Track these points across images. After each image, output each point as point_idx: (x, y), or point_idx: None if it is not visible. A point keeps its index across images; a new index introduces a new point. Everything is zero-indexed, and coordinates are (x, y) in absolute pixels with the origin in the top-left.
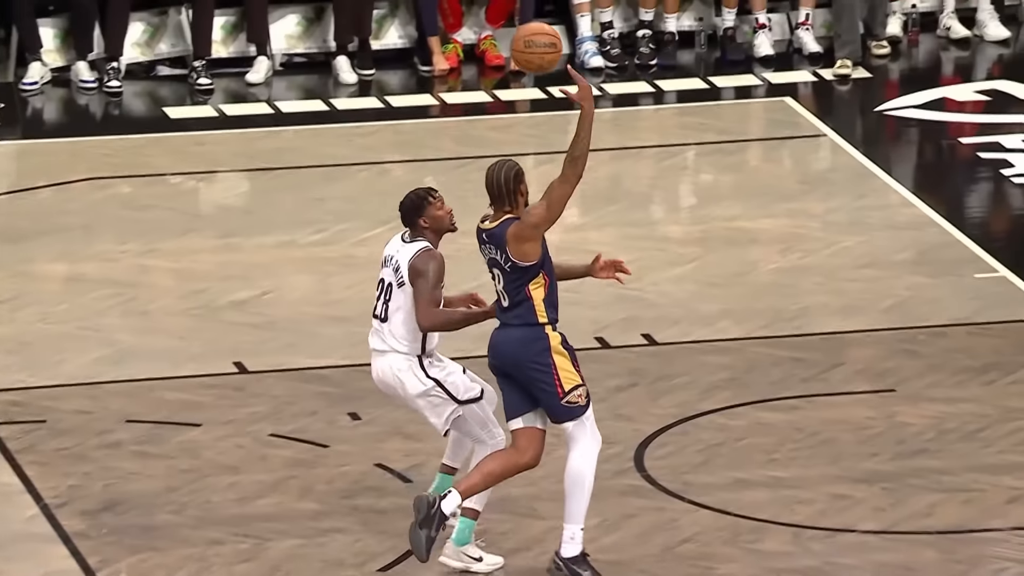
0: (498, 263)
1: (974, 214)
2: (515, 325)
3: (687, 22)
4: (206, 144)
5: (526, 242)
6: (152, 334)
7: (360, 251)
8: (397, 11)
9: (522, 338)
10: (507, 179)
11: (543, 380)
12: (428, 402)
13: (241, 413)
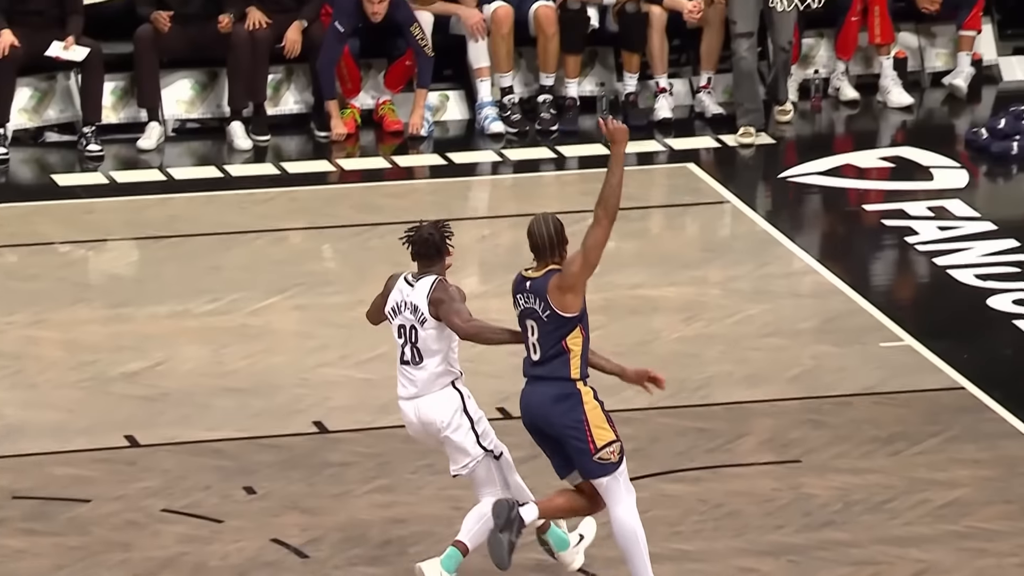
0: (536, 313)
1: (879, 282)
2: (546, 379)
3: (588, 87)
4: (96, 212)
5: (568, 292)
6: (40, 407)
7: (255, 320)
8: (293, 76)
9: (554, 395)
10: (554, 231)
11: (576, 437)
12: (460, 440)
13: (132, 488)
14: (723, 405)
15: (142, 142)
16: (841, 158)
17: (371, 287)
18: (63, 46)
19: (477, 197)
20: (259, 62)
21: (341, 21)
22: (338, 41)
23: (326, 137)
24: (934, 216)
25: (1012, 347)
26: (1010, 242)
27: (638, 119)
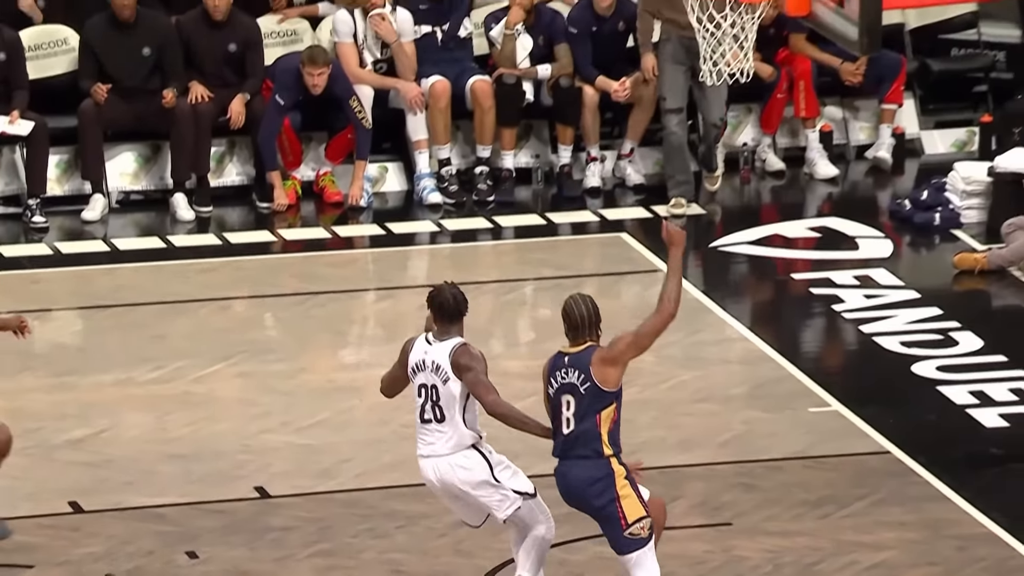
0: (575, 387)
1: (807, 349)
2: (580, 457)
3: (524, 159)
4: (41, 282)
5: (612, 366)
6: None
7: (199, 388)
8: (235, 148)
9: (589, 477)
10: (591, 312)
11: (608, 511)
12: (490, 492)
13: (76, 554)
14: (657, 469)
15: (86, 213)
16: (769, 228)
17: (312, 354)
18: (8, 120)
19: (416, 266)
20: (201, 135)
21: (282, 94)
22: (279, 114)
23: (268, 208)
24: (860, 285)
25: (936, 412)
26: (933, 310)
27: (572, 190)
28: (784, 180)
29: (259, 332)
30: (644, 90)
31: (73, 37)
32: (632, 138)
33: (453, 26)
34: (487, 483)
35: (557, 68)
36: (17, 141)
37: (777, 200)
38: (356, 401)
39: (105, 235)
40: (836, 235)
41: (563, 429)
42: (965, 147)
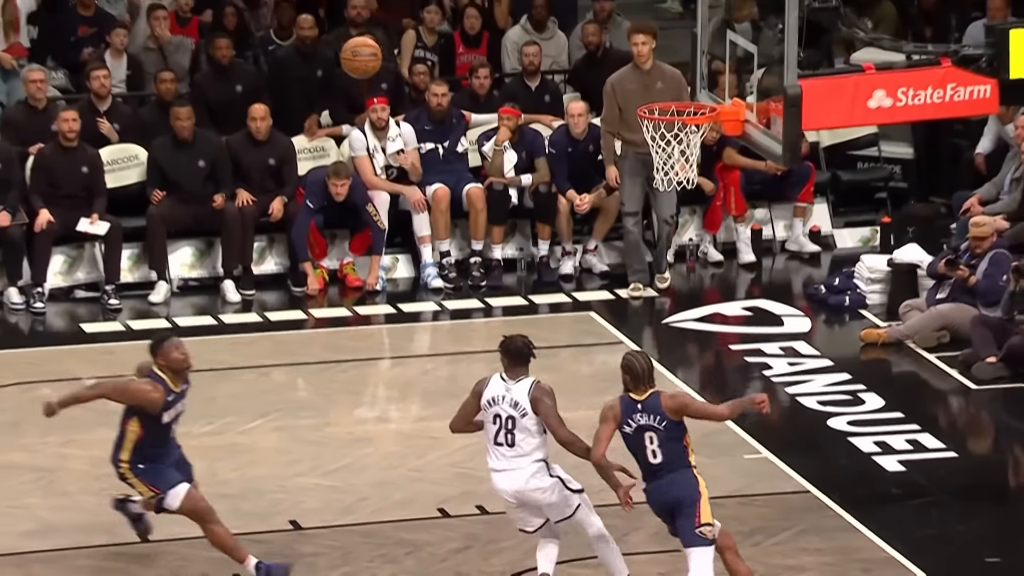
0: (653, 426)
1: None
2: (675, 471)
3: (510, 251)
4: (115, 353)
5: (681, 407)
6: (69, 511)
7: (243, 439)
8: (274, 243)
9: (684, 481)
10: (649, 365)
11: (689, 507)
12: (556, 496)
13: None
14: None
15: (152, 297)
16: (710, 308)
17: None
18: (89, 222)
19: (421, 339)
20: (247, 232)
21: (311, 200)
22: (308, 215)
23: (300, 292)
24: (785, 354)
25: (847, 458)
26: (844, 375)
27: (549, 276)
28: (722, 269)
29: (292, 393)
30: (608, 202)
31: (143, 154)
32: (596, 237)
33: (452, 143)
34: (554, 490)
35: (537, 177)
36: (97, 239)
37: (717, 285)
38: (372, 449)
39: (167, 314)
40: (765, 314)
41: (650, 459)
42: (869, 242)
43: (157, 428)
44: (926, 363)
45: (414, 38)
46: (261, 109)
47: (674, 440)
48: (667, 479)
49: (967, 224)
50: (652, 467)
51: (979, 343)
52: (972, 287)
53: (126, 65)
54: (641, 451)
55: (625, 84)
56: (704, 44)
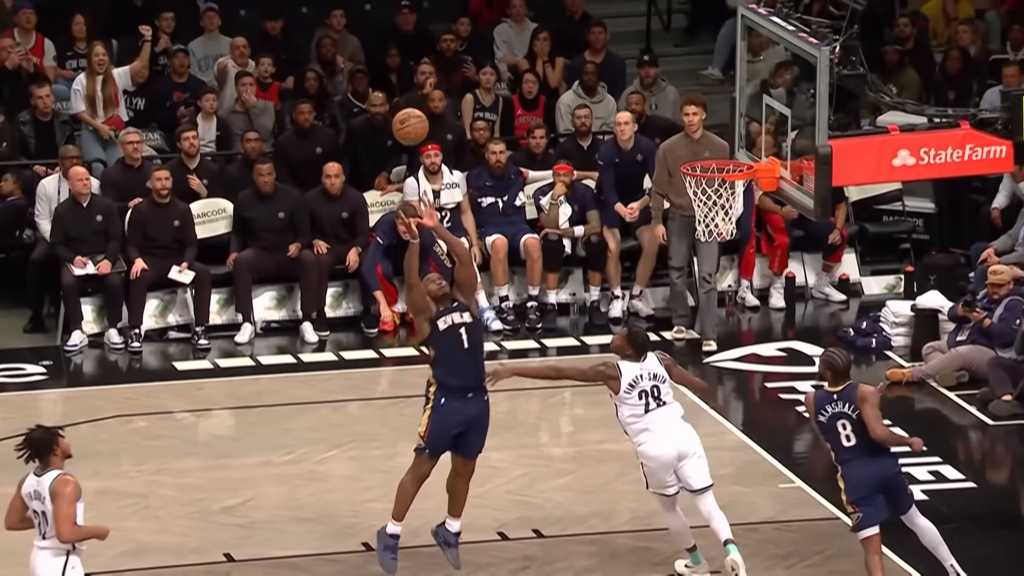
0: (846, 414)
1: (777, 440)
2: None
3: (563, 296)
4: (205, 389)
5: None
6: (161, 533)
7: (320, 468)
8: (348, 289)
9: (893, 460)
10: (849, 361)
11: (900, 478)
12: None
13: None
14: (662, 531)
15: (238, 337)
16: (748, 349)
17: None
18: (178, 271)
19: None
20: (322, 279)
21: (382, 237)
22: (378, 250)
23: (373, 332)
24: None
25: None
26: None
27: (599, 319)
28: (758, 312)
29: (365, 426)
30: (647, 243)
31: (230, 207)
32: (640, 282)
33: (511, 198)
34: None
35: (588, 229)
36: (188, 286)
37: (753, 327)
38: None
39: (252, 353)
40: (798, 354)
41: (844, 443)
42: (894, 289)
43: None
44: (947, 400)
45: (472, 100)
46: (335, 167)
47: (862, 425)
48: (871, 459)
49: (985, 273)
50: (848, 449)
51: (995, 382)
52: (987, 329)
53: (215, 127)
54: (836, 437)
55: (676, 150)
56: (742, 107)
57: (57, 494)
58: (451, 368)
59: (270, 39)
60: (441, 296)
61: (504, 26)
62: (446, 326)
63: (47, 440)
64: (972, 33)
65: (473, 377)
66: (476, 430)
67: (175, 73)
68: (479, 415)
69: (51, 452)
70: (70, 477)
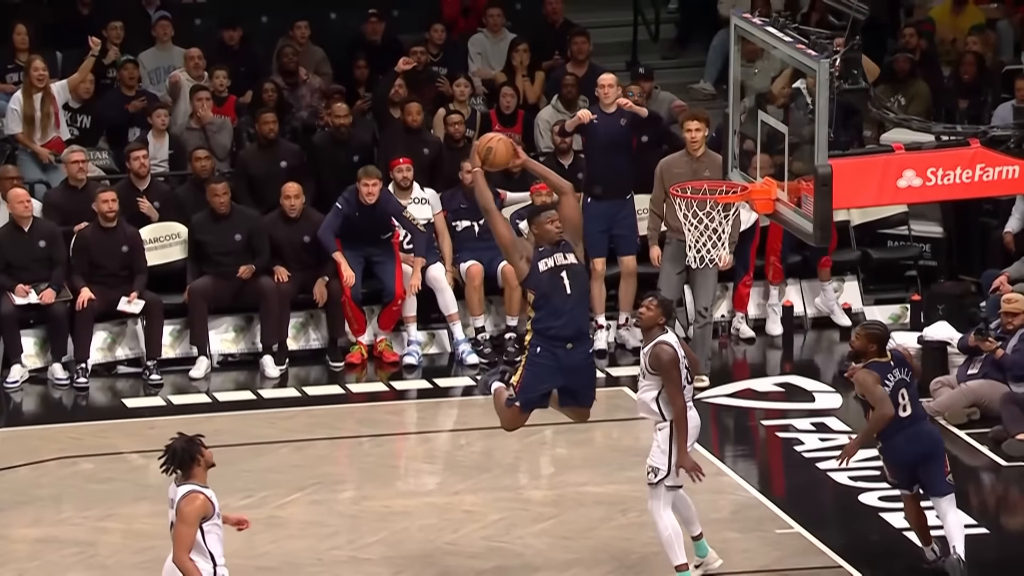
0: (907, 381)
1: (774, 481)
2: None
3: None
4: (156, 428)
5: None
6: None
7: (281, 512)
8: (312, 319)
9: (932, 432)
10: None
11: (940, 456)
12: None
13: None
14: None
15: (193, 372)
16: (742, 383)
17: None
18: (127, 301)
19: (456, 414)
20: (284, 308)
21: (342, 203)
22: (337, 216)
23: (338, 367)
24: (816, 430)
25: (878, 534)
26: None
27: None
28: (754, 345)
29: (329, 467)
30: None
31: (184, 231)
32: (624, 307)
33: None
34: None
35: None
36: (138, 316)
37: (748, 361)
38: (407, 523)
39: (208, 389)
40: (796, 389)
41: (900, 412)
42: (899, 320)
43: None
44: (957, 440)
45: (444, 115)
46: (294, 188)
47: (917, 391)
48: (923, 427)
49: (997, 301)
50: (903, 418)
51: (1009, 420)
52: (1000, 361)
53: (168, 145)
54: (897, 405)
55: (674, 168)
56: (736, 124)
57: (180, 510)
58: (549, 314)
59: (227, 50)
60: (554, 239)
61: (480, 36)
62: (546, 268)
63: (189, 451)
64: (983, 43)
65: (574, 326)
66: (580, 384)
67: (124, 86)
68: (579, 367)
69: (194, 463)
70: (198, 494)
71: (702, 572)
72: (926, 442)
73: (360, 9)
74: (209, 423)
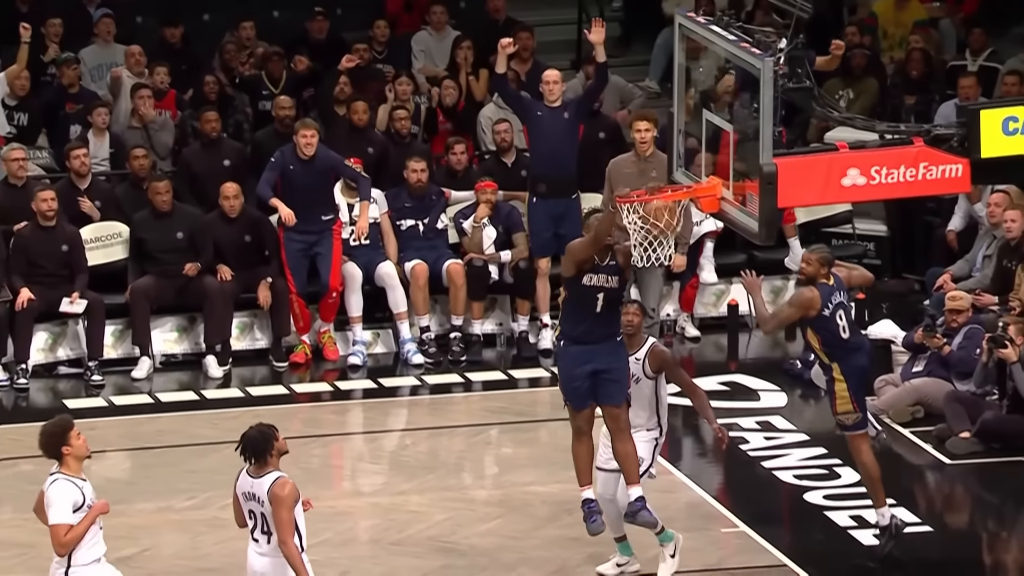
0: (845, 304)
1: (719, 480)
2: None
3: (489, 326)
4: (98, 428)
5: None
6: None
7: (225, 513)
8: (255, 320)
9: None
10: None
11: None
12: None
13: None
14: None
15: (135, 373)
16: None
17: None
18: (69, 301)
19: (401, 414)
20: (227, 308)
21: (277, 157)
22: (271, 170)
23: (283, 367)
24: (761, 429)
25: (823, 533)
26: (820, 450)
27: (528, 351)
28: (699, 344)
29: None
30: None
31: (126, 230)
32: None
33: (432, 220)
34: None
35: (516, 253)
36: (79, 316)
37: (693, 359)
38: (352, 524)
39: (150, 390)
40: (741, 388)
41: (842, 335)
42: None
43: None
44: (901, 438)
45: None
46: (232, 188)
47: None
48: (858, 343)
49: (941, 299)
50: (846, 343)
51: (953, 418)
52: (946, 358)
53: (108, 143)
54: (835, 329)
55: (622, 168)
56: (680, 123)
57: (276, 498)
58: (574, 321)
59: (168, 48)
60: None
61: (423, 34)
62: (588, 283)
63: (264, 440)
64: (926, 40)
65: (593, 337)
66: (607, 371)
67: (65, 84)
68: (605, 353)
69: (268, 452)
70: (287, 480)
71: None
72: (869, 356)
73: (304, 7)
74: (152, 424)
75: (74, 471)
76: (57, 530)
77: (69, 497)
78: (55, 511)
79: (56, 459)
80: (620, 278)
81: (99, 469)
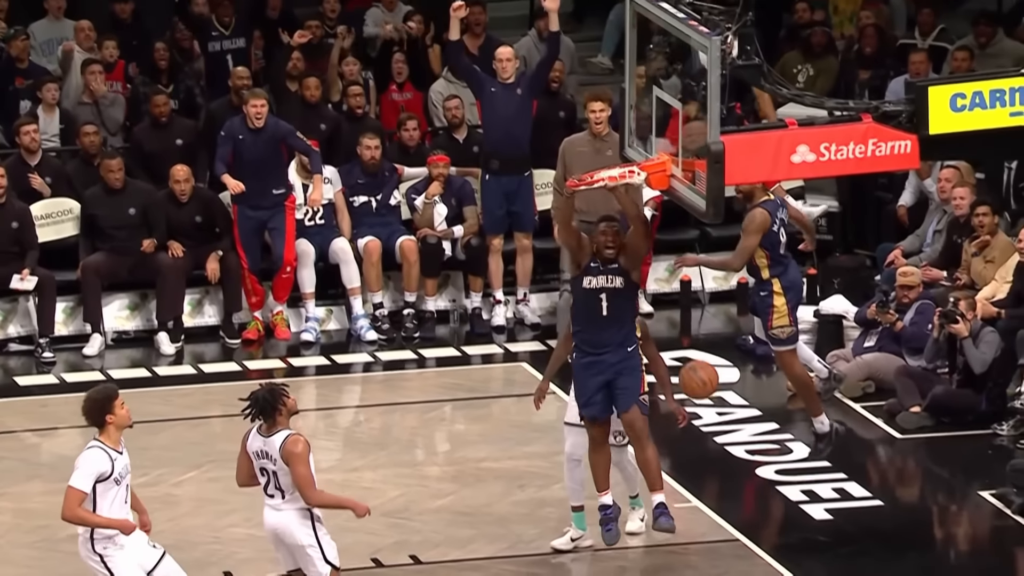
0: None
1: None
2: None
3: (443, 303)
4: (49, 406)
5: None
6: (2, 564)
7: (177, 490)
8: (207, 296)
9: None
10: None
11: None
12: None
13: None
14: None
15: (87, 350)
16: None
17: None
18: (19, 278)
19: (354, 390)
20: (179, 284)
21: (226, 129)
22: (223, 145)
23: (235, 344)
24: (713, 404)
25: (776, 508)
26: (772, 425)
27: (481, 328)
28: (652, 320)
29: (226, 444)
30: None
31: (76, 207)
32: (522, 283)
33: (385, 196)
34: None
35: (467, 227)
36: (30, 293)
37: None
38: None
39: (102, 367)
40: None
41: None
42: None
43: None
44: (852, 413)
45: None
46: (183, 171)
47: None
48: (792, 267)
49: (892, 275)
50: (783, 257)
51: (903, 393)
52: (898, 333)
53: (59, 119)
54: (777, 244)
55: (576, 147)
56: (631, 99)
57: (291, 455)
58: (582, 328)
59: (119, 23)
60: (607, 257)
61: (375, 10)
62: (588, 286)
63: (273, 399)
64: (876, 16)
65: (604, 345)
66: (619, 382)
67: (14, 59)
68: (616, 363)
69: (276, 411)
70: (300, 436)
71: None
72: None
73: None
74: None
75: (113, 441)
76: (70, 493)
77: (96, 467)
78: (77, 475)
79: (98, 426)
80: (625, 278)
81: (50, 447)
